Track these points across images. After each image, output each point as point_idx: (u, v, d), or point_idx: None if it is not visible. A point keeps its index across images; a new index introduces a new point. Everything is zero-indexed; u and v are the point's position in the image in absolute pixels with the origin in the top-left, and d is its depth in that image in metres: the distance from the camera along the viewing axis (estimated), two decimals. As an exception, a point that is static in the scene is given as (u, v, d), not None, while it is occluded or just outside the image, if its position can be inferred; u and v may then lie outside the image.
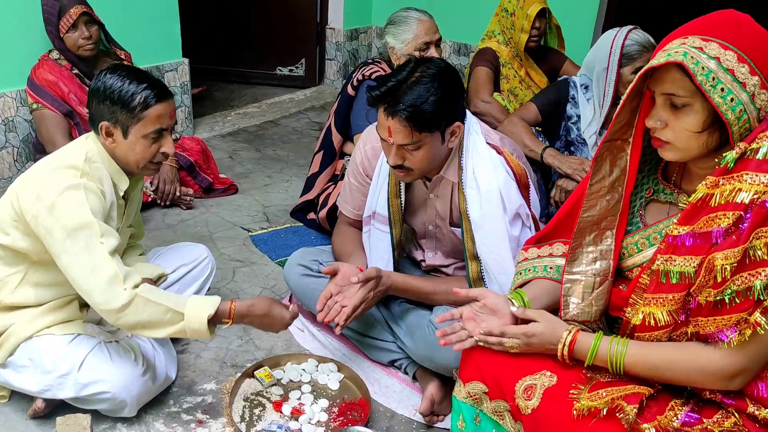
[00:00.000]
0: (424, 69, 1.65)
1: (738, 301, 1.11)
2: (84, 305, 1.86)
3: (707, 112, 1.15)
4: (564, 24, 3.37)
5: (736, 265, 1.10)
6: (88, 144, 1.74)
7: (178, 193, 3.07)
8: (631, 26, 2.49)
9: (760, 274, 1.08)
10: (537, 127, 2.73)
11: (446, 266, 2.06)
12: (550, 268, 1.48)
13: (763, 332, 1.09)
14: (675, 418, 1.19)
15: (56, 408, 1.79)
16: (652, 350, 1.24)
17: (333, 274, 1.86)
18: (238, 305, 1.72)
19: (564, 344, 1.29)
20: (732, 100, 1.11)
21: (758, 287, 1.08)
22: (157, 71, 3.72)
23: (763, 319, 1.08)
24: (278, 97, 5.01)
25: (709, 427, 1.17)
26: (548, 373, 1.29)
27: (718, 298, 1.13)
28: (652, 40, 2.47)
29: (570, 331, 1.29)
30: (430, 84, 1.62)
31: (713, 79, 1.10)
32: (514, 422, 1.34)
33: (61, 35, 2.81)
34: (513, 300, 1.42)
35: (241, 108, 4.72)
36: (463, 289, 1.46)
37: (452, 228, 1.93)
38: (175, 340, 2.08)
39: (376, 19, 5.26)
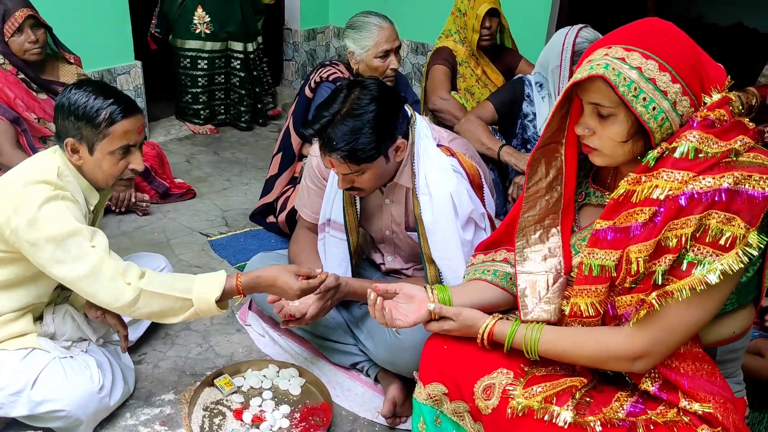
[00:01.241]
0: (355, 98, 1.64)
1: (642, 286, 1.18)
2: (38, 318, 1.81)
3: (631, 121, 1.18)
4: (518, 23, 3.41)
5: (648, 257, 1.14)
6: (56, 158, 1.70)
7: (133, 199, 3.01)
8: (581, 25, 2.54)
9: (663, 261, 1.13)
10: (494, 126, 2.76)
11: (406, 269, 2.07)
12: (488, 270, 1.51)
13: (655, 312, 1.15)
14: (621, 408, 1.23)
15: (7, 426, 1.75)
16: (564, 334, 1.29)
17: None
18: (244, 279, 1.72)
19: (482, 336, 1.35)
20: (654, 108, 1.13)
21: (659, 271, 1.13)
22: (109, 74, 3.64)
23: (656, 300, 1.14)
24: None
25: (653, 417, 1.21)
26: (504, 371, 1.32)
27: (633, 286, 1.19)
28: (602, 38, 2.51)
29: (488, 324, 1.35)
30: (362, 114, 1.62)
31: (635, 89, 1.12)
32: (473, 422, 1.36)
33: (6, 39, 2.72)
34: (433, 289, 1.45)
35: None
36: (382, 285, 1.50)
37: (409, 233, 1.94)
38: (131, 350, 2.05)
39: (334, 19, 5.23)
